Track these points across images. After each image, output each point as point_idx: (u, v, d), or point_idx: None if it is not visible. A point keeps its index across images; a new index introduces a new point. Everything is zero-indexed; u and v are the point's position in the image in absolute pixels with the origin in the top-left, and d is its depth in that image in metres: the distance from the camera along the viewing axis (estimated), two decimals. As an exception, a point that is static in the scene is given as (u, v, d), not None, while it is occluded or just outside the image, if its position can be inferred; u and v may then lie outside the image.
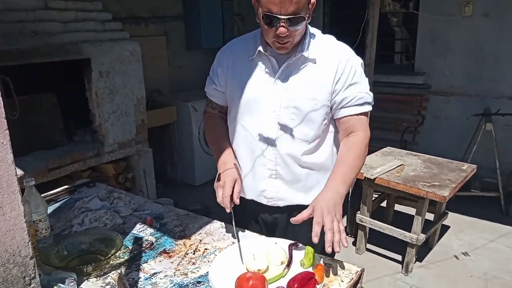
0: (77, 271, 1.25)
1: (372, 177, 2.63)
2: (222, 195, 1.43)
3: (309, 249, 1.34)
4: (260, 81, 1.44)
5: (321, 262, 1.32)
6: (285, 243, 1.41)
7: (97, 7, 3.04)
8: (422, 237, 2.64)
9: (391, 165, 2.79)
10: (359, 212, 2.89)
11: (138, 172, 3.25)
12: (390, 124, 4.22)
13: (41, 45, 2.51)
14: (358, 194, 2.91)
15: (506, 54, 3.74)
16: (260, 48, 1.42)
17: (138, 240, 1.52)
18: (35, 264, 1.07)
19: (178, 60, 4.54)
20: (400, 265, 2.83)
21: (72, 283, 1.16)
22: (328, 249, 1.23)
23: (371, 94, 1.47)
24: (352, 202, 3.09)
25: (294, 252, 1.36)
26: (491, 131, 3.53)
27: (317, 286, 1.20)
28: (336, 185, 1.35)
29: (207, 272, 1.30)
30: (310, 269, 1.26)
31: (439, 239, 3.15)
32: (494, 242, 3.15)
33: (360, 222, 2.88)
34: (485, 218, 3.47)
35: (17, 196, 0.99)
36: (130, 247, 1.47)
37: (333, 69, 1.40)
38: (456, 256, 2.97)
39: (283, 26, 1.27)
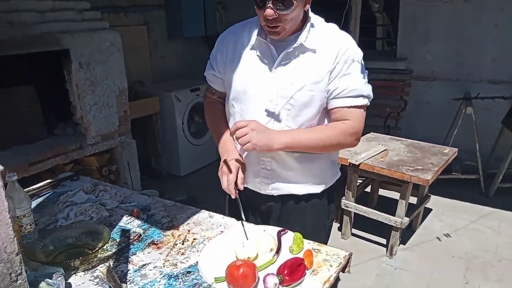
0: (65, 266, 1.24)
1: (356, 163, 2.66)
2: (227, 182, 1.44)
3: (297, 235, 1.36)
4: (258, 69, 1.42)
5: (310, 247, 1.34)
6: (274, 230, 1.42)
7: (75, -4, 2.96)
8: (406, 220, 2.69)
9: (375, 151, 2.82)
10: (344, 197, 2.92)
11: (122, 164, 3.22)
12: (373, 109, 4.26)
13: (18, 36, 2.44)
14: (343, 180, 2.94)
15: (485, 39, 3.80)
16: (260, 34, 1.40)
17: (125, 233, 1.51)
18: (21, 260, 1.06)
19: (159, 49, 4.48)
20: (385, 249, 2.89)
21: (60, 278, 1.15)
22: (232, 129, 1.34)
23: (369, 88, 1.43)
24: (338, 190, 3.12)
25: (283, 238, 1.37)
26: (471, 115, 3.60)
27: (306, 271, 1.22)
28: (284, 134, 1.37)
29: (197, 262, 1.30)
30: (299, 255, 1.28)
31: (421, 221, 3.22)
32: (475, 223, 3.24)
33: (345, 208, 2.91)
34: (466, 200, 3.55)
35: (0, 192, 0.97)
36: (118, 240, 1.46)
37: (332, 58, 1.37)
38: (438, 238, 3.05)
39: (269, 7, 1.25)
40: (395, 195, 3.06)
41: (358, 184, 3.09)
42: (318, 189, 1.56)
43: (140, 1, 4.14)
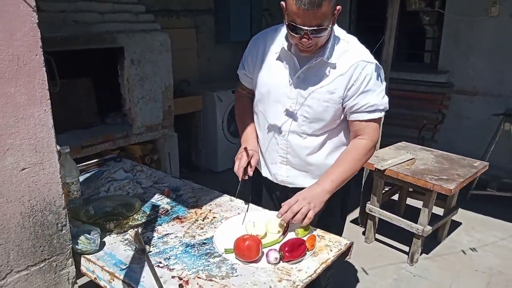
0: (101, 227, 1.47)
1: (382, 168, 2.74)
2: (238, 166, 1.62)
3: (305, 222, 1.50)
4: (281, 77, 1.56)
5: (314, 233, 1.48)
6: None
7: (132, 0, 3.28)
8: (428, 229, 2.73)
9: (402, 158, 2.88)
10: (369, 202, 3.00)
11: (163, 155, 3.48)
12: (410, 121, 4.28)
13: (81, 33, 2.76)
14: (370, 185, 3.02)
15: (530, 55, 3.73)
16: (285, 46, 1.52)
17: (155, 207, 1.73)
18: (67, 214, 1.29)
19: (207, 52, 4.75)
20: (407, 256, 2.93)
21: (96, 235, 1.37)
22: (278, 215, 1.43)
23: (386, 100, 1.54)
24: (364, 194, 3.20)
25: (293, 225, 1.51)
26: (510, 131, 3.53)
27: (307, 252, 1.37)
28: (324, 183, 1.49)
29: (212, 236, 1.48)
30: (304, 239, 1.42)
31: (448, 234, 3.22)
32: (505, 240, 3.19)
33: (370, 212, 2.99)
34: (499, 217, 3.49)
35: (55, 155, 1.21)
36: (148, 213, 1.68)
37: (349, 74, 1.48)
38: (463, 251, 3.04)
39: (305, 37, 1.36)
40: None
41: (385, 191, 3.17)
42: None
43: (192, 6, 4.44)
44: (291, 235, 1.46)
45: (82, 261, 1.36)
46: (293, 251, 1.33)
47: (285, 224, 1.49)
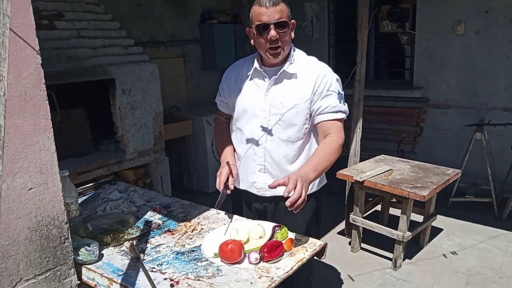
0: (99, 241, 1.62)
1: (361, 180, 2.93)
2: (219, 182, 1.81)
3: (285, 228, 1.67)
4: (254, 93, 1.81)
5: (292, 236, 1.65)
6: (270, 225, 1.73)
7: (122, 34, 3.51)
8: (408, 234, 2.90)
9: (379, 170, 3.08)
10: (352, 213, 3.17)
11: (155, 178, 3.65)
12: (390, 135, 4.50)
13: (74, 67, 2.96)
14: (353, 198, 3.20)
15: (496, 69, 3.99)
16: (256, 65, 1.79)
17: (148, 223, 1.89)
18: (69, 228, 1.45)
19: (195, 79, 4.98)
20: (391, 262, 3.08)
21: (95, 247, 1.53)
22: (287, 203, 1.47)
23: (345, 105, 1.80)
24: (348, 206, 3.38)
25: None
26: (482, 140, 3.75)
27: (285, 253, 1.53)
28: (308, 170, 1.65)
29: (200, 244, 1.64)
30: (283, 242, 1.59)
31: (430, 239, 3.38)
32: (484, 243, 3.36)
33: (353, 222, 3.16)
34: (478, 222, 3.67)
35: (57, 176, 1.39)
36: (141, 227, 1.84)
37: (312, 82, 1.75)
38: (444, 255, 3.20)
39: (272, 29, 1.65)
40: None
41: (369, 202, 3.35)
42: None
43: (178, 36, 4.69)
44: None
45: (83, 270, 1.51)
46: (272, 251, 1.49)
47: (265, 231, 1.66)
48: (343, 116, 1.78)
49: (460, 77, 4.22)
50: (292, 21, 1.72)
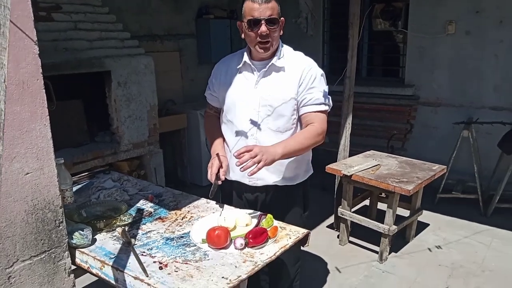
0: (92, 226, 1.69)
1: (348, 174, 3.01)
2: (211, 173, 1.90)
3: (269, 215, 1.75)
4: (244, 86, 1.89)
5: (277, 225, 1.73)
6: (257, 214, 1.81)
7: (118, 27, 3.56)
8: (394, 228, 2.98)
9: (367, 165, 3.16)
10: (340, 206, 3.26)
11: (149, 170, 3.71)
12: (382, 132, 4.58)
13: (71, 59, 3.02)
14: (341, 192, 3.28)
15: (486, 68, 4.08)
16: (246, 59, 1.87)
17: (140, 211, 1.96)
18: (63, 212, 1.52)
19: (190, 73, 5.04)
20: (377, 255, 3.17)
21: (89, 231, 1.61)
22: (237, 163, 1.63)
23: (329, 98, 1.89)
24: (337, 200, 3.46)
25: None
26: (468, 138, 3.84)
27: (269, 239, 1.61)
28: (278, 147, 1.74)
29: (189, 231, 1.72)
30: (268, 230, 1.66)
31: (416, 234, 3.48)
32: (468, 238, 3.45)
33: (341, 215, 3.24)
34: (464, 218, 3.76)
35: (53, 162, 1.45)
36: (133, 215, 1.91)
37: (298, 75, 1.83)
38: (429, 249, 3.29)
39: (263, 25, 1.73)
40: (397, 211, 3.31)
41: (357, 196, 3.44)
42: (294, 181, 1.96)
43: (174, 30, 4.74)
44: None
45: (77, 254, 1.59)
46: (256, 238, 1.57)
47: (251, 219, 1.74)
48: (326, 108, 1.87)
49: (450, 76, 4.31)
50: (282, 18, 1.80)
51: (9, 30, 1.08)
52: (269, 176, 1.95)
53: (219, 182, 1.93)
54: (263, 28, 1.73)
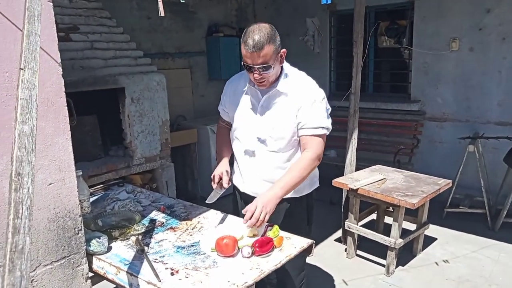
0: (108, 234, 1.79)
1: (355, 188, 3.07)
2: (213, 183, 2.05)
3: (276, 226, 1.83)
4: (248, 108, 1.99)
5: (282, 235, 1.81)
6: (263, 225, 1.89)
7: (132, 46, 3.72)
8: (400, 241, 3.03)
9: (373, 179, 3.22)
10: (347, 220, 3.31)
11: (161, 183, 3.82)
12: (388, 147, 4.64)
13: (87, 77, 3.16)
14: (348, 205, 3.34)
15: (490, 84, 4.14)
16: (251, 84, 1.94)
17: (153, 221, 2.06)
18: (82, 221, 1.62)
19: (200, 89, 5.19)
20: (384, 268, 3.20)
21: (105, 239, 1.70)
22: (244, 221, 1.75)
23: (328, 121, 1.95)
24: (344, 214, 3.51)
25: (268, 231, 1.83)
26: (475, 153, 3.89)
27: (275, 248, 1.69)
28: (276, 188, 1.83)
29: (199, 240, 1.80)
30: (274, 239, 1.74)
31: (424, 248, 3.50)
32: (476, 252, 3.47)
33: (348, 229, 3.29)
34: (472, 232, 3.78)
35: (73, 174, 1.56)
36: (146, 225, 2.00)
37: (298, 99, 1.90)
38: (436, 263, 3.32)
39: (256, 72, 1.79)
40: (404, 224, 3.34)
41: (364, 210, 3.49)
42: (298, 193, 2.04)
43: (185, 48, 4.91)
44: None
45: (94, 260, 1.68)
46: (263, 247, 1.65)
47: (257, 230, 1.82)
48: (324, 132, 1.93)
49: (455, 91, 4.38)
50: (282, 50, 1.83)
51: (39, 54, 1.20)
52: None
53: (222, 189, 2.04)
54: (256, 75, 1.78)
